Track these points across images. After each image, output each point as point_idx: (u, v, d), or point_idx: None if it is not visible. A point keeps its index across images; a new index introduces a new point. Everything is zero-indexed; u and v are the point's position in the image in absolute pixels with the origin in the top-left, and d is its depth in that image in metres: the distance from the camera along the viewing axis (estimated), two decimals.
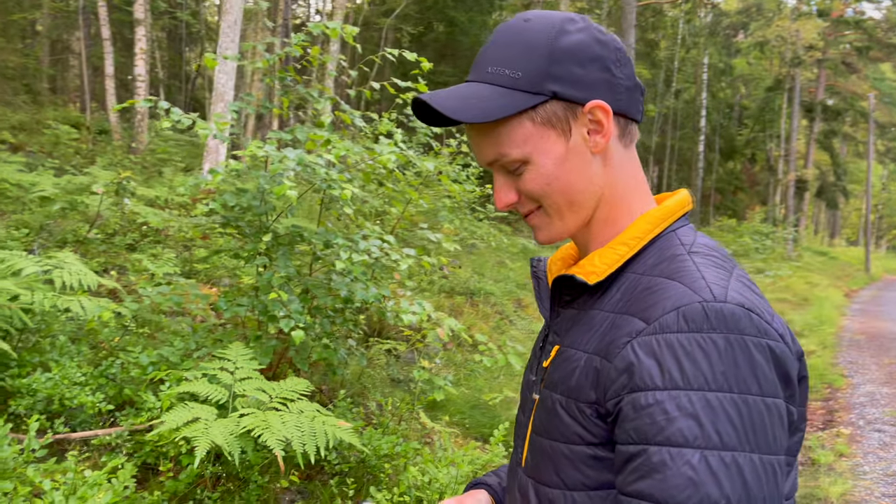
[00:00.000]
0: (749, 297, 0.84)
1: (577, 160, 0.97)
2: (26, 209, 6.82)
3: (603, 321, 0.93)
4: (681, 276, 0.88)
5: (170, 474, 2.80)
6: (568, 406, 0.91)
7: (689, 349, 0.79)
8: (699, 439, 0.76)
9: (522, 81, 0.93)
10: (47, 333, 3.85)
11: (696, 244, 0.95)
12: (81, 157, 10.91)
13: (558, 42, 0.93)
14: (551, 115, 0.94)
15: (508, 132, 0.95)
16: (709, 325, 0.80)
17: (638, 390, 0.81)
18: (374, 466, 3.14)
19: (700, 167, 29.53)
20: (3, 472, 2.38)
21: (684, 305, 0.82)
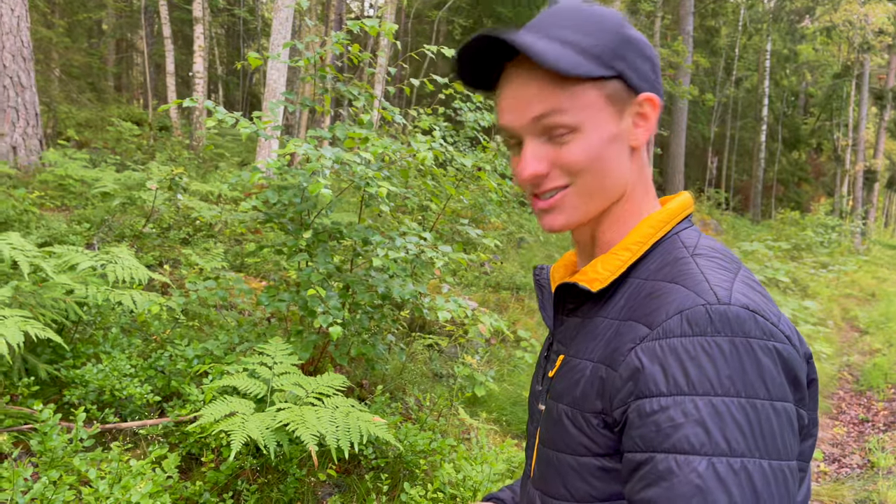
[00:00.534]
0: (754, 298, 0.82)
1: (619, 146, 0.96)
2: (89, 204, 7.09)
3: (608, 329, 0.92)
4: (684, 279, 0.86)
5: (211, 465, 2.89)
6: (574, 417, 0.90)
7: (693, 353, 0.78)
8: (706, 446, 0.74)
9: (596, 51, 0.92)
10: (102, 325, 4.00)
11: (699, 246, 0.94)
12: (142, 153, 11.28)
13: (625, 29, 0.95)
14: (614, 92, 0.94)
15: (573, 93, 0.92)
16: (713, 329, 0.78)
17: (643, 397, 0.79)
18: (409, 462, 3.17)
19: (761, 157, 28.62)
20: (52, 460, 2.49)
21: (687, 309, 0.81)
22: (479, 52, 0.94)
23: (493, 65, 0.97)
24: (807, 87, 35.20)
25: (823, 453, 6.20)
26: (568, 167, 0.94)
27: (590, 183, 0.95)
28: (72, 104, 13.42)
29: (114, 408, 3.30)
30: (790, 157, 33.51)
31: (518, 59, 0.94)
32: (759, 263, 8.95)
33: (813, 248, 17.34)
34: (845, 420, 7.22)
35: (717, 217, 21.60)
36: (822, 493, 5.28)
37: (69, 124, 12.12)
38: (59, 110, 12.12)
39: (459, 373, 3.95)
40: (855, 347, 10.05)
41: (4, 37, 8.45)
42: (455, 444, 3.34)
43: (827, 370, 8.28)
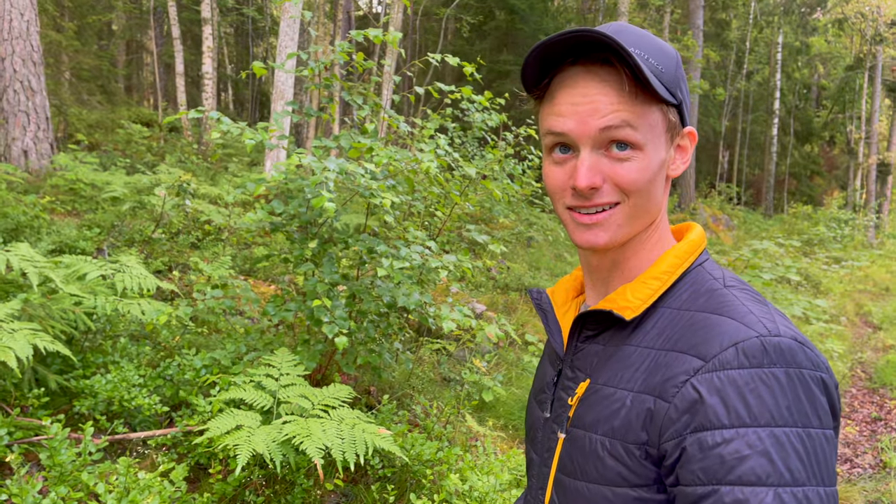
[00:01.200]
0: (796, 330, 0.85)
1: (663, 173, 0.97)
2: (99, 209, 7.14)
3: (643, 358, 0.91)
4: (728, 310, 0.87)
5: (219, 476, 2.90)
6: (613, 448, 0.89)
7: (752, 385, 0.79)
8: (772, 477, 0.75)
9: (666, 77, 0.93)
10: (111, 334, 4.04)
11: (727, 277, 0.96)
12: (152, 155, 11.34)
13: (680, 63, 0.97)
14: (672, 120, 0.96)
15: (644, 112, 0.91)
16: (769, 360, 0.80)
17: (703, 430, 0.80)
18: (416, 472, 3.18)
19: (773, 151, 28.41)
20: (61, 475, 2.52)
21: (742, 341, 0.82)
22: (552, 50, 0.90)
23: (552, 66, 0.93)
24: (819, 80, 34.89)
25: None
26: (624, 185, 0.92)
27: (638, 204, 0.95)
28: (82, 107, 13.51)
29: (123, 418, 3.33)
30: (802, 151, 33.24)
31: (589, 64, 0.91)
32: (770, 261, 8.90)
33: (825, 243, 17.21)
34: (857, 419, 7.16)
35: (728, 212, 21.47)
36: None
37: (79, 127, 12.20)
38: (69, 113, 12.21)
39: (467, 378, 3.95)
40: (868, 344, 9.97)
41: (14, 42, 8.52)
42: (461, 454, 3.35)
43: (839, 368, 8.22)
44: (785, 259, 9.25)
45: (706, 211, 19.26)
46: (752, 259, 8.40)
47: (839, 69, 32.60)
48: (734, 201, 25.88)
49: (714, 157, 31.03)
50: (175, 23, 15.21)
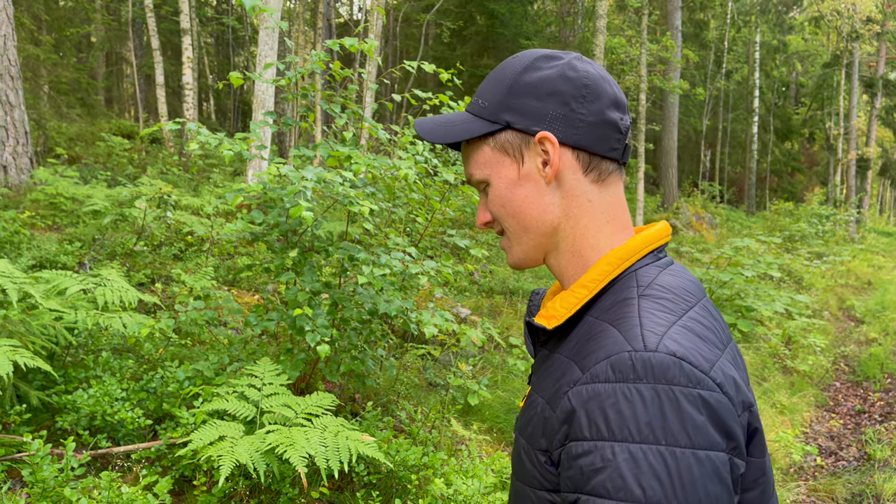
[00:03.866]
0: (686, 345, 0.83)
1: (530, 187, 1.01)
2: (80, 222, 7.10)
3: (560, 367, 0.94)
4: (621, 322, 0.88)
5: (203, 488, 2.90)
6: (529, 452, 0.93)
7: (613, 400, 0.79)
8: (621, 492, 0.76)
9: (486, 110, 1.02)
10: (93, 348, 4.02)
11: (653, 284, 0.95)
12: (134, 167, 11.28)
13: (522, 77, 1.00)
14: (505, 142, 1.01)
15: (474, 155, 1.05)
16: (635, 376, 0.80)
17: (572, 440, 0.82)
18: (401, 478, 3.19)
19: (754, 149, 28.69)
20: (44, 492, 2.51)
21: (614, 355, 0.83)
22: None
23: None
24: (797, 78, 35.28)
25: (819, 447, 6.22)
26: (492, 214, 1.06)
27: (511, 225, 1.04)
28: (61, 120, 13.42)
29: (106, 432, 3.32)
30: (783, 148, 33.58)
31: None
32: (751, 258, 8.99)
33: (807, 238, 17.38)
34: (842, 412, 7.24)
35: (711, 210, 21.63)
36: (818, 487, 5.30)
37: (59, 140, 12.12)
38: (48, 127, 12.12)
39: (452, 383, 3.97)
40: (851, 338, 10.08)
41: None
42: (446, 458, 3.36)
43: (822, 362, 8.31)
44: (766, 256, 9.34)
45: (689, 210, 19.40)
46: (734, 257, 8.47)
47: (817, 66, 32.99)
48: (717, 199, 26.10)
49: (696, 156, 31.28)
50: (154, 34, 15.14)
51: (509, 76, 1.01)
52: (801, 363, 7.87)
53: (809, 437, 6.49)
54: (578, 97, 0.98)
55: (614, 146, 1.01)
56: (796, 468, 5.66)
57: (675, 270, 1.01)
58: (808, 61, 34.71)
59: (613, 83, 1.03)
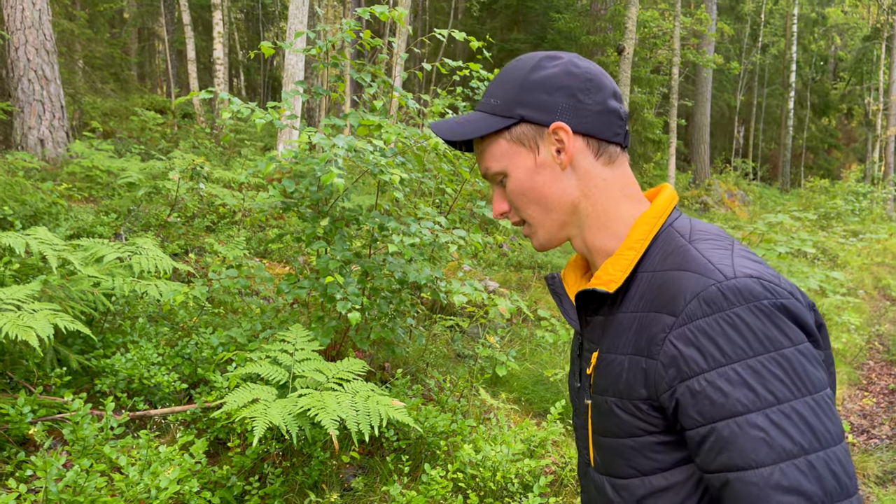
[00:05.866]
0: (754, 267, 0.93)
1: (547, 173, 1.10)
2: (115, 195, 7.23)
3: (631, 323, 1.02)
4: (689, 264, 0.96)
5: (238, 450, 2.97)
6: (624, 405, 1.00)
7: (719, 329, 0.88)
8: (757, 402, 0.85)
9: (499, 107, 1.11)
10: (130, 315, 4.11)
11: (693, 231, 1.05)
12: (166, 141, 11.42)
13: (531, 76, 1.09)
14: (521, 134, 1.10)
15: (490, 149, 1.13)
16: (728, 303, 0.89)
17: (688, 378, 0.90)
18: (430, 443, 3.23)
19: (790, 125, 28.03)
20: (85, 449, 2.59)
21: (702, 291, 0.91)
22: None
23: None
24: (836, 52, 34.29)
25: (851, 424, 6.15)
26: (511, 203, 1.14)
27: (534, 211, 1.13)
28: (96, 95, 13.60)
29: (143, 395, 3.41)
30: (819, 124, 32.78)
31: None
32: (785, 234, 8.84)
33: (843, 216, 17.02)
34: (875, 391, 7.14)
35: (744, 187, 21.27)
36: None
37: (94, 115, 12.29)
38: (83, 101, 12.29)
39: (481, 353, 3.99)
40: (886, 317, 9.89)
41: (27, 31, 8.58)
42: (475, 425, 3.39)
43: (856, 340, 8.17)
44: (801, 232, 9.17)
45: (721, 186, 19.10)
46: (768, 233, 8.33)
47: (856, 40, 32.02)
48: (750, 176, 25.63)
49: (729, 132, 30.69)
50: (185, 9, 15.22)
51: (519, 76, 1.10)
52: (834, 341, 7.75)
53: (841, 414, 6.41)
54: (584, 89, 1.08)
55: (617, 132, 1.10)
56: None
57: (700, 222, 1.11)
58: (847, 34, 33.69)
59: (609, 78, 1.13)
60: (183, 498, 2.53)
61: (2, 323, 2.80)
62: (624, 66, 11.65)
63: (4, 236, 3.44)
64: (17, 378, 3.29)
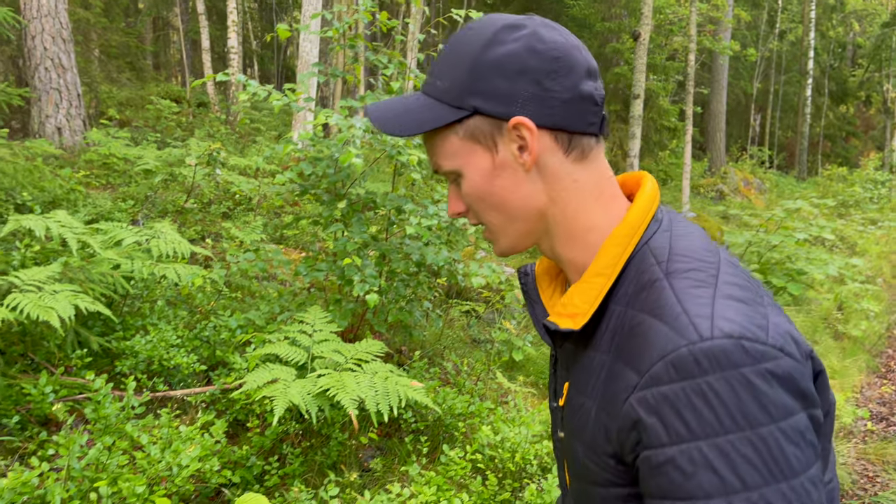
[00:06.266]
0: (737, 319, 0.78)
1: (507, 176, 0.94)
2: (132, 182, 7.27)
3: (601, 367, 0.90)
4: (662, 312, 0.82)
5: (257, 430, 2.98)
6: (590, 456, 0.91)
7: (686, 400, 0.76)
8: (721, 488, 0.74)
9: (448, 95, 0.92)
10: (149, 299, 4.13)
11: (672, 256, 0.88)
12: (182, 130, 11.46)
13: (485, 54, 0.90)
14: (475, 129, 0.92)
15: (440, 144, 0.95)
16: (700, 370, 0.75)
17: (649, 448, 0.79)
18: (448, 425, 3.23)
19: (807, 113, 27.72)
20: (107, 427, 2.61)
21: (671, 353, 0.77)
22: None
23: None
24: (854, 38, 33.82)
25: (871, 412, 6.10)
26: (468, 206, 0.98)
27: (494, 217, 0.98)
28: (112, 84, 13.66)
29: (162, 377, 3.43)
30: (837, 112, 32.37)
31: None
32: (803, 222, 8.75)
33: (861, 204, 16.83)
34: (894, 378, 7.07)
35: (760, 176, 21.07)
36: (868, 451, 5.21)
37: (110, 104, 12.36)
38: (99, 90, 12.36)
39: (497, 337, 3.98)
40: None
41: (44, 19, 8.62)
42: (493, 407, 3.39)
43: (875, 328, 8.09)
44: (819, 219, 9.08)
45: (737, 174, 18.94)
46: (786, 219, 8.25)
47: (875, 26, 31.54)
48: (766, 165, 25.40)
49: (745, 120, 30.40)
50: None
51: (470, 53, 0.90)
52: (853, 328, 7.68)
53: (860, 402, 6.36)
54: (550, 72, 0.89)
55: (592, 120, 0.93)
56: (845, 432, 5.57)
57: (680, 230, 0.95)
58: (866, 21, 33.19)
59: (584, 49, 0.94)
60: (204, 476, 2.55)
61: (23, 303, 2.83)
62: (640, 53, 11.54)
63: (24, 219, 3.47)
64: (39, 359, 3.32)
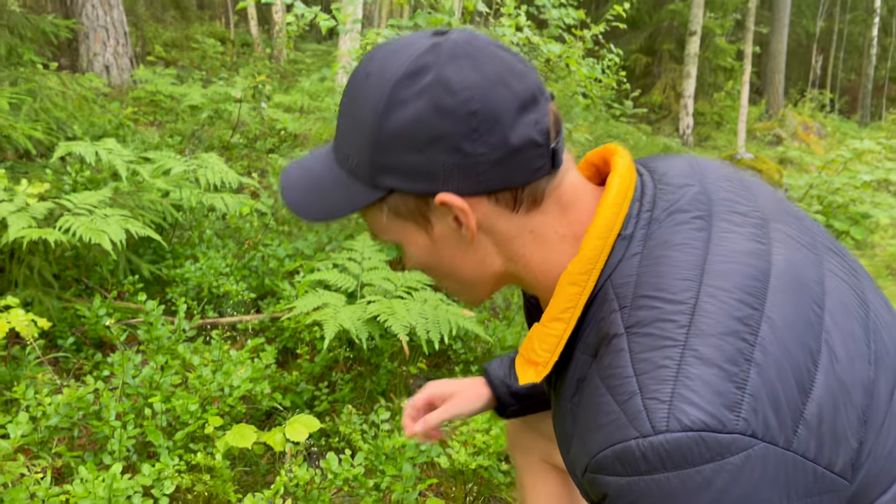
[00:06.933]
0: (701, 398, 0.65)
1: (451, 247, 0.83)
2: (179, 119, 7.27)
3: (564, 418, 0.84)
4: (614, 386, 0.70)
5: (306, 358, 2.96)
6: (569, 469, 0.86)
7: (631, 498, 0.67)
8: None
9: (359, 170, 0.79)
10: (197, 230, 4.13)
11: (636, 300, 0.73)
12: (226, 69, 11.42)
13: (385, 123, 0.74)
14: (399, 208, 0.80)
15: (369, 219, 0.85)
16: (648, 468, 0.65)
17: None
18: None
19: (872, 54, 26.31)
20: (159, 348, 2.61)
21: (617, 444, 0.68)
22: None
23: None
24: None
25: None
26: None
27: (450, 284, 0.90)
28: (157, 23, 13.65)
29: (212, 304, 3.43)
30: None
31: None
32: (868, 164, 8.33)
33: None
34: None
35: (820, 120, 20.20)
36: None
37: (156, 43, 12.35)
38: (145, 29, 12.36)
39: None
40: None
41: None
42: None
43: None
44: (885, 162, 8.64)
45: (796, 118, 18.17)
46: (851, 160, 7.86)
47: None
48: (826, 109, 24.33)
49: (806, 61, 29.06)
50: None
51: (367, 123, 0.75)
52: None
53: None
54: (469, 133, 0.72)
55: (538, 165, 0.77)
56: None
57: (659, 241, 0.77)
58: None
59: (514, 73, 0.75)
60: (255, 398, 2.54)
61: (76, 226, 2.82)
62: None
63: (75, 145, 3.45)
64: (92, 284, 3.35)
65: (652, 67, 16.89)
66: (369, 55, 0.80)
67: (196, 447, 2.18)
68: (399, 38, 0.80)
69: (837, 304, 0.74)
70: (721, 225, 0.77)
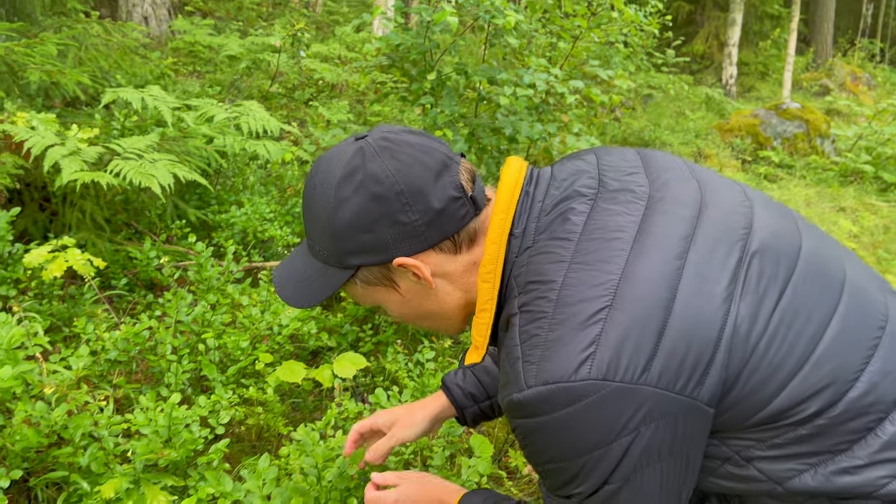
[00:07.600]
0: (559, 357, 0.83)
1: (419, 297, 1.04)
2: (217, 69, 7.29)
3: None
4: (508, 355, 0.91)
5: (351, 301, 3.02)
6: None
7: (521, 433, 0.91)
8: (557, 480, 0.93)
9: (330, 259, 1.00)
10: (240, 176, 4.19)
11: (526, 287, 0.92)
12: (263, 20, 11.37)
13: (336, 219, 0.95)
14: (369, 278, 1.02)
15: (349, 292, 1.07)
16: (526, 413, 0.87)
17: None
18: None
19: None
20: (209, 289, 2.69)
21: (506, 398, 0.90)
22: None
23: None
24: None
25: None
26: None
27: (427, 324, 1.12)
28: None
29: (257, 249, 3.50)
30: None
31: None
32: None
33: None
34: None
35: (869, 70, 19.46)
36: None
37: None
38: None
39: None
40: None
41: None
42: None
43: None
44: None
45: (844, 68, 17.52)
46: None
47: None
48: (877, 59, 23.38)
49: (856, 10, 27.83)
50: None
51: (324, 223, 0.97)
52: None
53: None
54: (402, 208, 0.94)
55: (463, 213, 0.97)
56: None
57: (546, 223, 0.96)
58: None
59: (423, 151, 0.95)
60: (302, 338, 2.60)
61: (126, 170, 2.88)
62: None
63: (121, 91, 3.50)
64: (142, 228, 3.43)
65: (695, 15, 16.36)
66: (312, 170, 1.01)
67: (248, 382, 2.26)
68: (330, 151, 1.01)
69: (704, 252, 0.87)
70: (602, 206, 0.93)
